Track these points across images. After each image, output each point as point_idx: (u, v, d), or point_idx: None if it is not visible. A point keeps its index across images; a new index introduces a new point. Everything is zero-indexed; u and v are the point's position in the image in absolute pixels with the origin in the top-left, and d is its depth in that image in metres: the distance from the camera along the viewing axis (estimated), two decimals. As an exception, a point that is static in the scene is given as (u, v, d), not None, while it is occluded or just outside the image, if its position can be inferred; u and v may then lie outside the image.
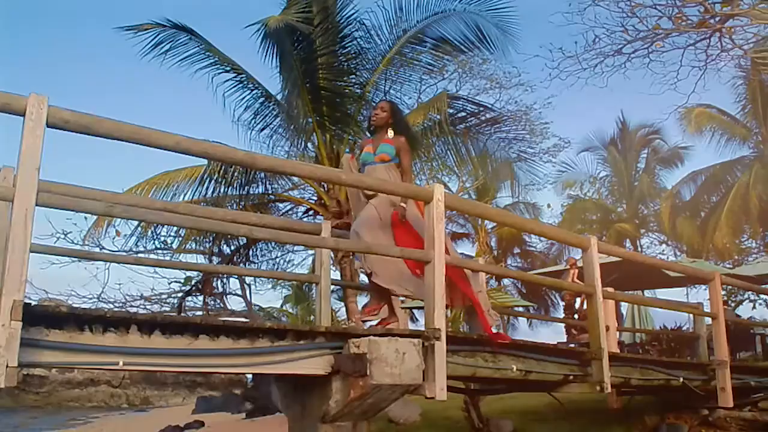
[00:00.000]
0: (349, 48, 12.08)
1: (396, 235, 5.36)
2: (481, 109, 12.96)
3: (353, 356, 4.14)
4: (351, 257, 10.39)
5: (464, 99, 13.19)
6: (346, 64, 12.17)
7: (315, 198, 12.78)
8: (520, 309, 22.36)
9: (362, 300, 10.87)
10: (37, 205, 3.14)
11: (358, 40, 12.17)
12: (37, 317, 3.21)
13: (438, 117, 11.60)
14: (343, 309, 13.44)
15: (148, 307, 12.86)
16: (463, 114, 12.74)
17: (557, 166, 24.84)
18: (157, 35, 11.10)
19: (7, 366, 2.97)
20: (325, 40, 11.47)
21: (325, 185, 11.71)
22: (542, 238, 24.98)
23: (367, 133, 6.27)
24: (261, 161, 4.21)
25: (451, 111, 12.08)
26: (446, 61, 13.69)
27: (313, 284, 7.75)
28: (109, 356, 3.45)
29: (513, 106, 16.50)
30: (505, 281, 24.98)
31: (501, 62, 15.06)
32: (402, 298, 5.94)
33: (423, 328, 4.55)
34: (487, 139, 12.83)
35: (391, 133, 5.70)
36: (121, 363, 3.47)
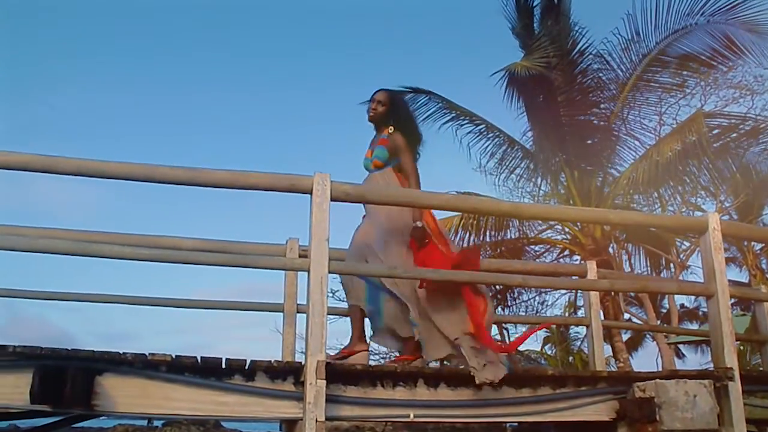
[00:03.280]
0: (588, 81, 11.90)
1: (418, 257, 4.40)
2: (739, 121, 11.93)
3: (639, 400, 3.96)
4: (612, 295, 9.99)
5: (719, 115, 12.27)
6: (587, 97, 11.97)
7: (567, 236, 12.57)
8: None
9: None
10: (329, 272, 3.45)
11: (596, 72, 11.97)
12: (336, 375, 3.48)
13: (693, 138, 10.88)
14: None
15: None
16: (718, 131, 11.84)
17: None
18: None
19: (316, 421, 3.27)
20: (565, 78, 11.45)
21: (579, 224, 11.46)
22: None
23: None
24: (526, 210, 4.26)
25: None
26: (685, 77, 12.87)
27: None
28: (400, 409, 3.65)
29: (771, 112, 14.86)
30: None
31: (751, 67, 13.71)
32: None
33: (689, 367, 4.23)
34: (746, 152, 11.75)
35: (390, 129, 4.73)
36: (411, 415, 3.65)
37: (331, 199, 3.55)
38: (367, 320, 4.53)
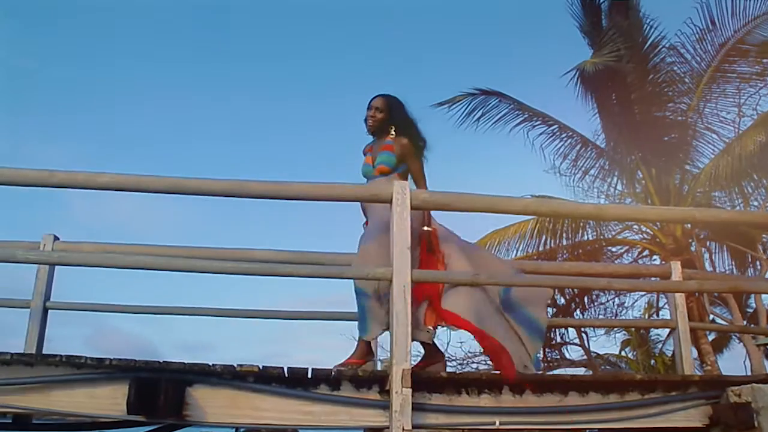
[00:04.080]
0: (662, 76, 11.59)
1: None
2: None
3: (735, 406, 3.82)
4: (697, 296, 9.67)
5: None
6: (661, 92, 11.66)
7: (645, 236, 12.26)
8: None
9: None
10: (412, 281, 3.47)
11: (670, 65, 11.67)
12: (421, 383, 3.49)
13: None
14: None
15: (488, 362, 13.19)
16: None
17: None
18: (470, 104, 11.73)
19: (402, 429, 3.28)
20: (638, 74, 11.19)
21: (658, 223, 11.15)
22: None
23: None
24: (608, 211, 4.18)
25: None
26: (766, 65, 12.36)
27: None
28: (486, 416, 3.63)
29: None
30: None
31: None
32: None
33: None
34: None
35: (392, 134, 4.60)
36: (497, 423, 3.62)
37: (411, 208, 3.58)
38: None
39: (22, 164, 3.57)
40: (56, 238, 5.29)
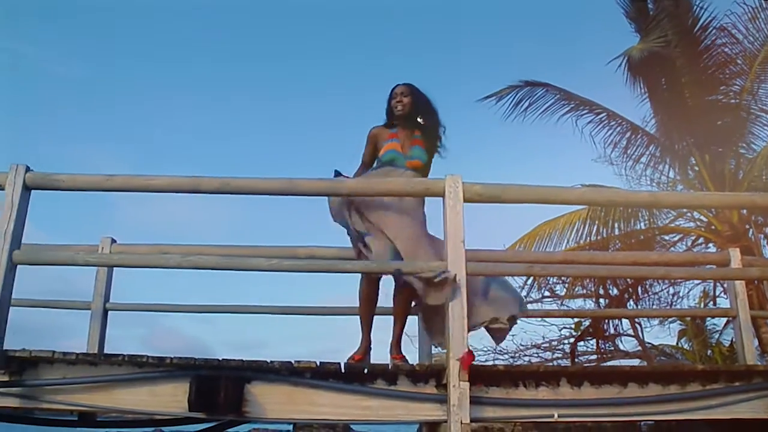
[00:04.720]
0: (713, 58, 11.27)
1: None
2: None
3: (802, 396, 3.72)
4: (756, 283, 9.39)
5: None
6: (713, 76, 11.34)
7: (699, 224, 11.95)
8: None
9: None
10: (468, 274, 3.45)
11: (722, 47, 11.31)
12: (478, 376, 3.48)
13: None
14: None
15: (540, 355, 13.06)
16: None
17: None
18: (516, 95, 11.61)
19: (461, 423, 3.28)
20: (688, 58, 10.91)
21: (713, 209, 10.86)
22: None
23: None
24: (664, 199, 4.10)
25: None
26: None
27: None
28: (544, 409, 3.61)
29: None
30: None
31: None
32: None
33: None
34: None
35: (419, 122, 4.53)
36: (555, 415, 3.59)
37: (464, 201, 3.56)
38: None
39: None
40: (113, 241, 5.42)
